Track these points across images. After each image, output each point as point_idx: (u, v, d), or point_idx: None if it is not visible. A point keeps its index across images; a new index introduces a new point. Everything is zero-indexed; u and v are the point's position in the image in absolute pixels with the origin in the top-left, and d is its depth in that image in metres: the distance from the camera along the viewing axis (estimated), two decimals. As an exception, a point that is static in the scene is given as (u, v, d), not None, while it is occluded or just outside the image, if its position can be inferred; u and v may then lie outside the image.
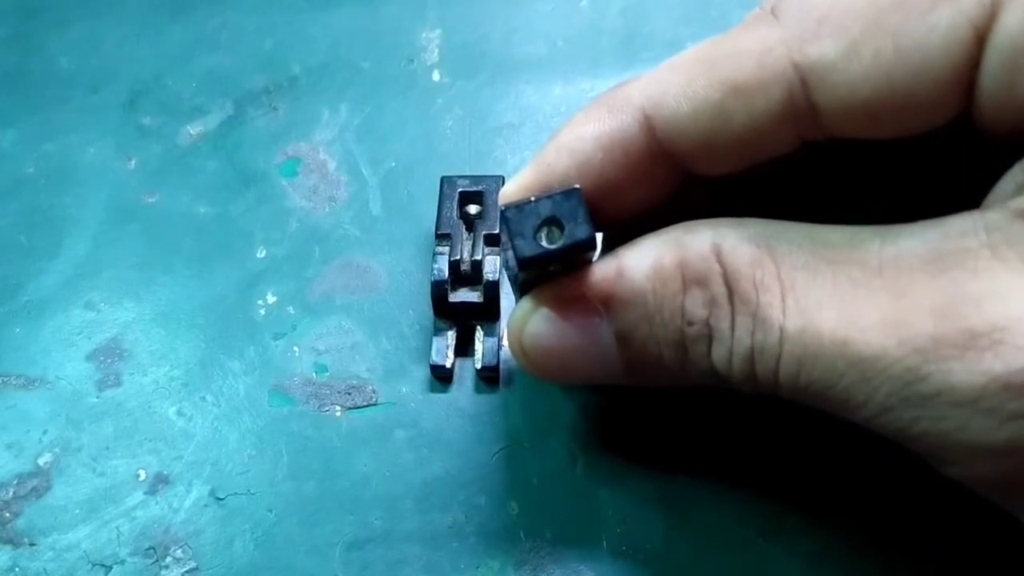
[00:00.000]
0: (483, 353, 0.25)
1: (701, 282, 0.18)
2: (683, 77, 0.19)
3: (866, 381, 0.16)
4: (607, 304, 0.19)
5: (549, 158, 0.20)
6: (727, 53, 0.18)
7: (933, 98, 0.17)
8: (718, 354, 0.18)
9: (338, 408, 0.25)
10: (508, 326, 0.21)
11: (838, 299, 0.16)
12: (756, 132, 0.18)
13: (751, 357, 0.18)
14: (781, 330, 0.17)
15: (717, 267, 0.18)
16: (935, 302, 0.15)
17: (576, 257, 0.19)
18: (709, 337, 0.18)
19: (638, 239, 0.19)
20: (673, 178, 0.20)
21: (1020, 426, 0.15)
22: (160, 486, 0.24)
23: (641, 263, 0.19)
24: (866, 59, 0.17)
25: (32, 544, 0.23)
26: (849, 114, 0.17)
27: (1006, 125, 0.17)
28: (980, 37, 0.16)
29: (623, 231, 0.20)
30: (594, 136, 0.19)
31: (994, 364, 0.15)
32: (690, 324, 0.18)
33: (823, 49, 0.17)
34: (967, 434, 0.15)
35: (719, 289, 0.18)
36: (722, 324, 0.18)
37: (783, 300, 0.17)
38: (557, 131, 0.20)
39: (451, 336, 0.25)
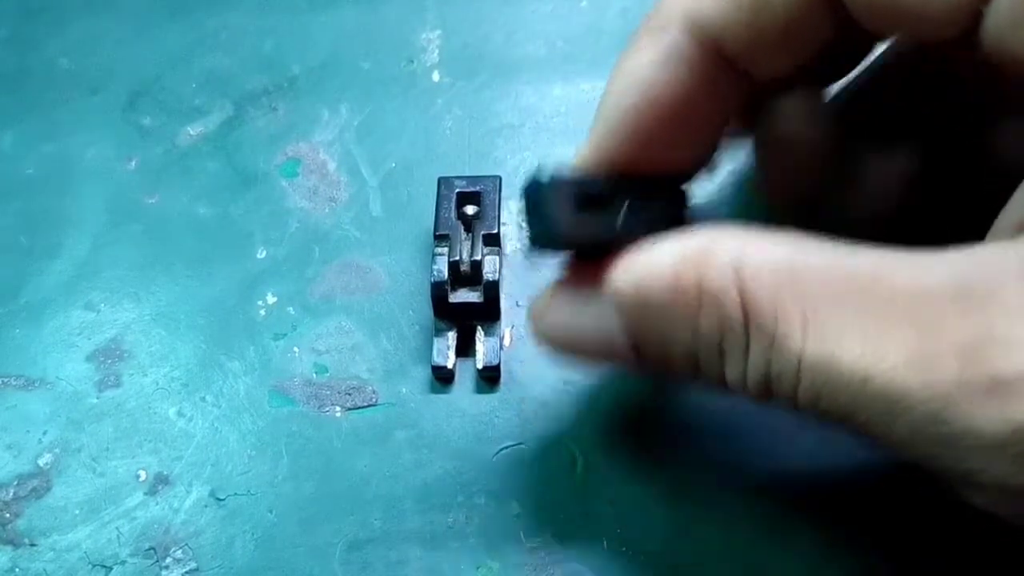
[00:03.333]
0: (484, 353, 0.25)
1: (717, 304, 0.17)
2: None
3: (888, 416, 0.16)
4: (623, 309, 0.19)
5: (613, 106, 0.20)
6: None
7: (939, 10, 0.17)
8: (731, 373, 0.18)
9: (338, 409, 0.25)
10: (531, 307, 0.21)
11: (862, 331, 0.16)
12: (797, 12, 0.18)
13: (767, 381, 0.17)
14: (800, 359, 0.17)
15: (735, 290, 0.17)
16: (962, 340, 0.15)
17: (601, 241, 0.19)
18: (722, 357, 0.18)
19: (658, 242, 0.19)
20: (738, 87, 0.20)
21: None
22: (160, 486, 0.24)
23: (662, 273, 0.18)
24: None
25: (32, 545, 0.23)
26: (864, 3, 0.18)
27: (1006, 63, 0.17)
28: None
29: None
30: (649, 60, 0.19)
31: (1018, 413, 0.15)
32: (702, 344, 0.18)
33: None
34: (987, 475, 0.15)
35: (734, 314, 0.17)
36: (734, 347, 0.18)
37: (804, 330, 0.16)
38: (610, 77, 0.20)
39: (452, 336, 0.25)
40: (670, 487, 0.23)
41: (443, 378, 0.25)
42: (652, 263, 0.19)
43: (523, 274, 0.27)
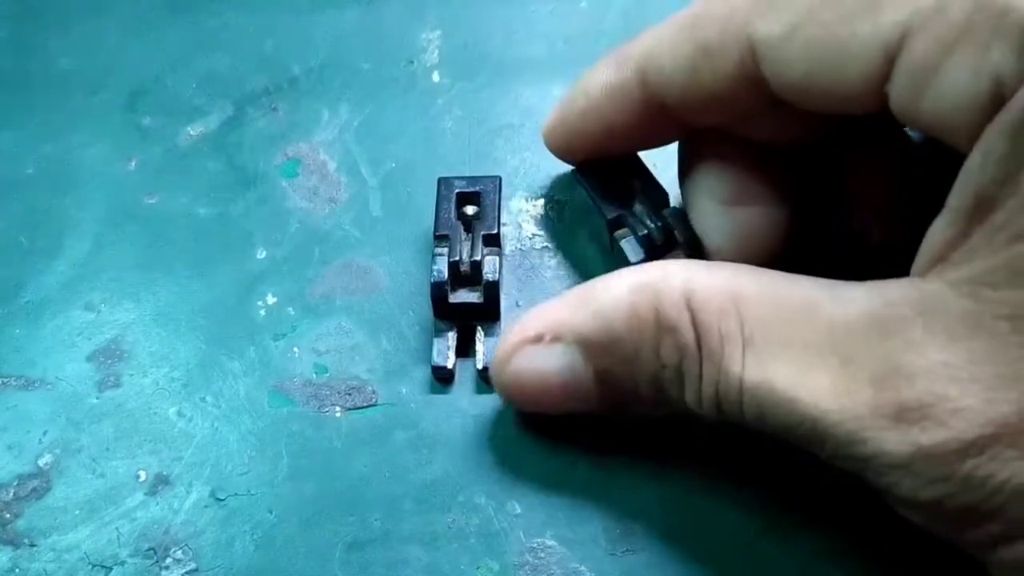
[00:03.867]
0: (484, 353, 0.25)
1: (673, 329, 0.19)
2: (671, 34, 0.21)
3: (815, 435, 0.18)
4: (585, 347, 0.21)
5: (569, 101, 0.24)
6: (706, 14, 0.20)
7: (851, 93, 0.19)
8: (690, 394, 0.20)
9: (338, 409, 0.25)
10: (493, 359, 0.22)
11: (792, 358, 0.18)
12: (721, 89, 0.21)
13: (717, 401, 0.19)
14: (741, 381, 0.18)
15: (687, 316, 0.19)
16: (875, 371, 0.17)
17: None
18: (681, 379, 0.20)
19: (612, 276, 0.21)
20: (673, 125, 0.23)
21: (941, 487, 0.17)
22: (160, 487, 0.24)
23: (618, 309, 0.20)
24: (800, 45, 0.19)
25: (32, 545, 0.23)
26: (784, 87, 0.19)
27: (916, 129, 0.19)
28: (891, 58, 0.17)
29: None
30: (601, 85, 0.23)
31: (920, 437, 0.16)
32: (664, 368, 0.20)
33: (769, 26, 0.19)
34: (899, 490, 0.17)
35: (689, 337, 0.19)
36: (692, 369, 0.19)
37: (744, 353, 0.18)
38: (580, 76, 0.24)
39: (452, 337, 0.25)
40: (669, 487, 0.23)
41: (443, 378, 0.25)
42: (609, 295, 0.20)
43: (523, 274, 0.27)
